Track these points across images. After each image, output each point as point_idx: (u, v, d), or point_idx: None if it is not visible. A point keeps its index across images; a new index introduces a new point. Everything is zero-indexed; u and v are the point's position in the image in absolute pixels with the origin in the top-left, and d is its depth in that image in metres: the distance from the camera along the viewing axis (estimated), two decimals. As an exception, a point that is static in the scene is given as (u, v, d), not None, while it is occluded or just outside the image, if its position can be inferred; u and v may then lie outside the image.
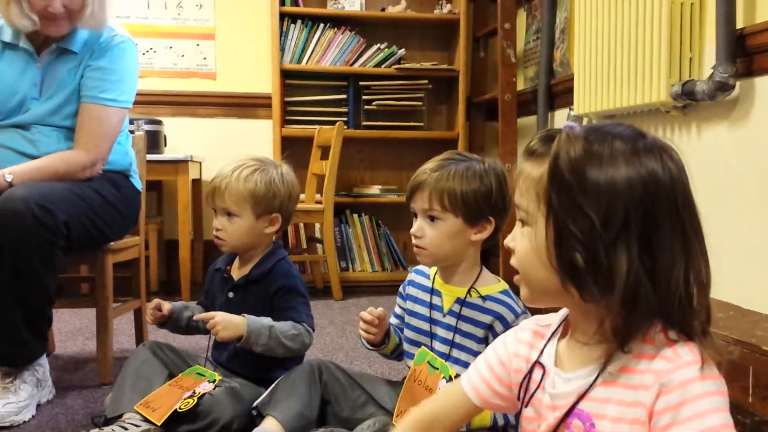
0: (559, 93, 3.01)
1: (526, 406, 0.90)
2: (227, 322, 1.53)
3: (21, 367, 1.74)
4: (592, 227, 0.75)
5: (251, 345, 1.55)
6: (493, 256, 3.47)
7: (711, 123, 2.08)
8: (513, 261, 0.86)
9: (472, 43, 3.86)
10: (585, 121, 2.56)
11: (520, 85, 3.38)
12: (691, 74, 2.09)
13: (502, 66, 3.27)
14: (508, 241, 0.86)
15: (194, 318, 1.59)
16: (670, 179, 0.77)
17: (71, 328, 2.64)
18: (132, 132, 2.28)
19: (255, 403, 1.51)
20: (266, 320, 1.57)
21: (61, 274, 1.79)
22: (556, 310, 0.90)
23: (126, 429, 1.44)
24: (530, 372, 0.89)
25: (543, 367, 0.88)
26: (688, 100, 2.07)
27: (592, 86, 2.49)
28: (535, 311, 0.97)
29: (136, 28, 3.56)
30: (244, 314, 1.56)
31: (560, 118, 3.02)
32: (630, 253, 0.75)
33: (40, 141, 1.89)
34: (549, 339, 0.90)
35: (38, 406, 1.77)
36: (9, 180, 1.75)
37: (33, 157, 1.88)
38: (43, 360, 1.82)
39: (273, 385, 1.53)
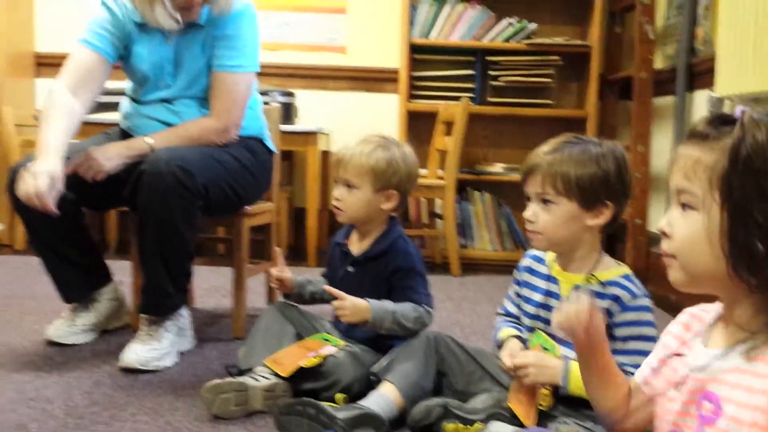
0: (700, 73, 2.84)
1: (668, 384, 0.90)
2: (354, 309, 1.61)
3: (164, 316, 1.91)
4: None
5: (375, 329, 1.63)
6: (618, 242, 3.36)
7: None
8: (667, 246, 0.84)
9: (608, 17, 3.71)
10: (727, 104, 2.42)
11: (658, 64, 3.23)
12: None
13: (639, 43, 3.14)
14: (663, 225, 0.85)
15: (325, 289, 1.68)
16: None
17: (209, 285, 2.84)
18: (266, 104, 2.40)
19: (373, 368, 1.59)
20: (389, 305, 1.64)
21: (200, 233, 1.94)
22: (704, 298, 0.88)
23: (257, 380, 1.56)
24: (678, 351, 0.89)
25: (691, 346, 0.88)
26: None
27: (736, 67, 2.35)
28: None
29: (270, 2, 3.72)
30: (368, 299, 1.63)
31: (699, 100, 2.86)
32: None
33: (183, 112, 2.04)
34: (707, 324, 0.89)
35: (180, 353, 1.94)
36: (150, 143, 1.91)
37: None
38: (184, 311, 1.99)
39: (391, 352, 1.60)
